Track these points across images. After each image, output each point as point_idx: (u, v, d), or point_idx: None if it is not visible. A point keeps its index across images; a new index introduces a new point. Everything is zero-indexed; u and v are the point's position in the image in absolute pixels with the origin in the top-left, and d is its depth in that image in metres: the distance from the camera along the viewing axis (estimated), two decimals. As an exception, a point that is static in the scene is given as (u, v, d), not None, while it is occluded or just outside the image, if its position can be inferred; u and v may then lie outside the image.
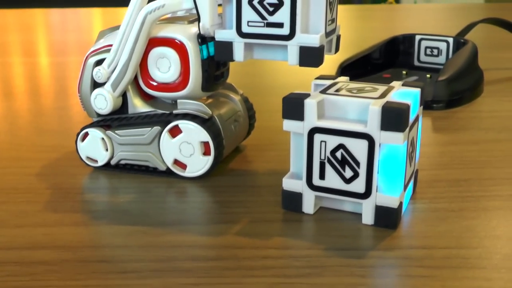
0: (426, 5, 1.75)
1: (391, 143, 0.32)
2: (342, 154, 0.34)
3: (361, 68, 0.68)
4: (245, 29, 0.37)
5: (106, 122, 0.43)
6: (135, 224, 0.36)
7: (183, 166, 0.42)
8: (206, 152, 0.41)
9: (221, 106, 0.43)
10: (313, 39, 0.35)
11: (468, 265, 0.30)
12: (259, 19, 0.36)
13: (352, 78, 0.66)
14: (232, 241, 0.33)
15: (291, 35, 0.36)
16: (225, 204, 0.38)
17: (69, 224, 0.36)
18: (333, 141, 0.34)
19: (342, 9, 1.68)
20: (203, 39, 0.40)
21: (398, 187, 0.33)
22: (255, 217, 0.36)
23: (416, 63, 0.71)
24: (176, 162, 0.42)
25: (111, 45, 0.42)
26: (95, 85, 0.43)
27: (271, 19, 0.36)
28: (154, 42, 0.41)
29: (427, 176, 0.42)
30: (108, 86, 0.42)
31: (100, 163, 0.44)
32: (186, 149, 0.41)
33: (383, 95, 0.34)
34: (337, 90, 0.36)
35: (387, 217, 0.34)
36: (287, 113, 0.34)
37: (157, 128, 0.42)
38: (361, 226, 0.34)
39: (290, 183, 0.36)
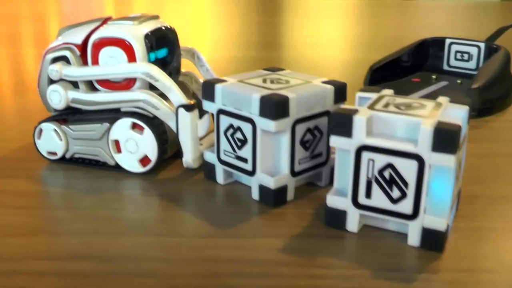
0: (440, 2, 1.73)
1: (442, 165, 0.32)
2: (390, 174, 0.33)
3: (391, 71, 0.67)
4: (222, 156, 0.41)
5: (62, 116, 0.45)
6: (173, 236, 0.35)
7: (119, 150, 0.44)
8: (144, 162, 0.43)
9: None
10: (269, 181, 0.38)
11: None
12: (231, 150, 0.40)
13: (382, 81, 0.66)
14: (276, 257, 0.33)
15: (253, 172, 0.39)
16: (265, 216, 0.38)
17: (106, 233, 0.36)
18: (381, 160, 0.33)
19: (354, 4, 1.67)
20: (151, 44, 0.42)
21: (445, 209, 0.33)
22: (297, 232, 0.36)
23: (445, 67, 0.70)
24: (116, 143, 0.44)
25: (68, 43, 0.44)
26: (51, 81, 0.45)
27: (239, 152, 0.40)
28: (104, 42, 0.42)
29: (466, 191, 0.42)
30: (62, 82, 0.44)
31: (59, 155, 0.45)
32: (131, 145, 0.43)
33: (432, 113, 0.34)
34: (385, 106, 0.35)
35: (434, 240, 0.33)
36: (335, 128, 0.34)
37: (106, 125, 0.43)
38: (405, 246, 0.34)
39: (334, 200, 0.36)
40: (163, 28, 0.44)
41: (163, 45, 0.44)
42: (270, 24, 1.32)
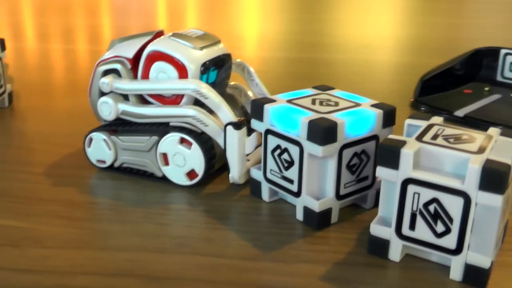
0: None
1: (489, 204, 0.32)
2: (435, 208, 0.33)
3: (442, 80, 0.66)
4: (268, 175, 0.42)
5: (112, 127, 0.46)
6: (217, 256, 0.36)
7: (167, 163, 0.45)
8: (191, 176, 0.44)
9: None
10: (313, 204, 0.39)
11: None
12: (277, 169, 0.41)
13: (433, 92, 0.65)
14: (317, 285, 0.34)
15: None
16: (308, 239, 0.38)
17: (152, 250, 0.37)
18: (427, 194, 0.33)
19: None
20: (205, 69, 0.43)
21: (490, 247, 0.33)
22: (339, 258, 0.36)
23: (499, 78, 0.69)
24: (164, 156, 0.45)
25: (119, 56, 0.45)
26: (102, 93, 0.46)
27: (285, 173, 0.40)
28: (159, 56, 0.43)
29: (514, 222, 0.41)
30: (112, 94, 0.45)
31: (107, 163, 0.47)
32: (179, 159, 0.44)
33: (481, 148, 0.34)
34: (434, 137, 0.35)
35: (477, 277, 0.33)
36: (382, 160, 0.34)
37: (155, 138, 0.44)
38: (447, 280, 0.34)
39: (378, 229, 0.36)
40: (221, 56, 0.45)
41: (216, 69, 0.45)
42: (316, 20, 1.31)
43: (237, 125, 0.42)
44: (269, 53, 0.97)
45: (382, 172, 0.35)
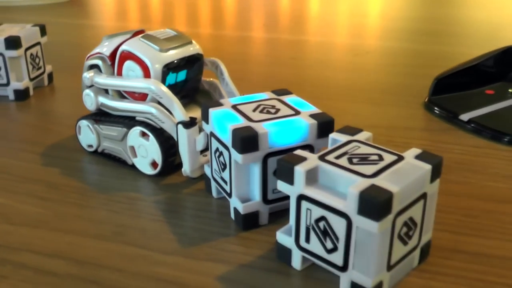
0: None
1: (366, 229, 0.32)
2: (324, 226, 0.34)
3: (464, 78, 0.64)
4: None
5: (96, 116, 0.51)
6: (141, 247, 0.40)
7: (135, 155, 0.49)
8: (154, 166, 0.48)
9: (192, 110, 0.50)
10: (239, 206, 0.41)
11: None
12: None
13: (453, 90, 0.63)
14: (210, 285, 0.36)
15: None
16: (230, 239, 0.41)
17: (92, 236, 0.41)
18: (317, 211, 0.34)
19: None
20: (168, 69, 0.47)
21: (371, 269, 0.33)
22: (247, 261, 0.38)
23: (530, 79, 0.65)
24: (132, 148, 0.49)
25: (100, 53, 0.50)
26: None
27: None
28: (128, 56, 0.47)
29: (451, 242, 0.40)
30: (94, 88, 0.50)
31: (94, 148, 0.52)
32: (142, 150, 0.48)
33: (378, 172, 0.34)
34: (339, 156, 0.36)
35: (361, 295, 0.34)
36: (279, 174, 0.36)
37: (124, 130, 0.49)
38: (339, 294, 0.35)
39: (282, 238, 0.38)
40: (188, 57, 0.48)
41: (184, 68, 0.47)
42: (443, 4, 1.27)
43: (186, 124, 0.44)
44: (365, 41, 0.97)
45: (281, 186, 0.36)
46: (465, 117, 0.58)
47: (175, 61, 0.47)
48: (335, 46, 0.96)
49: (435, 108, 0.61)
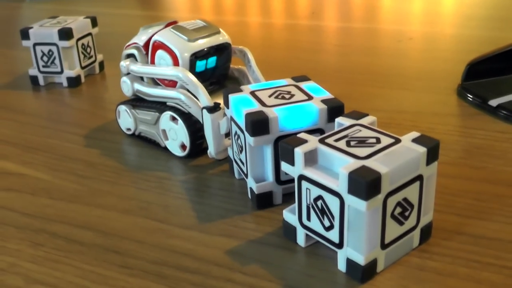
0: None
1: (357, 208, 0.34)
2: (321, 204, 0.37)
3: (494, 66, 0.63)
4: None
5: (133, 101, 0.55)
6: (161, 221, 0.43)
7: (166, 138, 0.53)
8: (183, 148, 0.52)
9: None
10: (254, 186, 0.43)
11: None
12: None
13: (482, 77, 0.63)
14: (220, 257, 0.39)
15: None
16: (244, 217, 0.43)
17: (120, 210, 0.45)
18: (315, 191, 0.37)
19: None
20: (196, 58, 0.50)
21: (363, 246, 0.35)
22: (256, 236, 0.41)
23: None
24: (164, 132, 0.53)
25: (135, 43, 0.53)
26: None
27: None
28: (159, 46, 0.50)
29: (455, 224, 0.41)
30: (130, 75, 0.54)
31: (132, 131, 0.56)
32: (172, 133, 0.52)
33: (371, 154, 0.35)
34: (339, 139, 0.38)
35: (355, 271, 0.36)
36: (282, 155, 0.38)
37: (156, 114, 0.52)
38: (336, 269, 0.37)
39: (288, 216, 0.40)
40: (216, 46, 0.51)
41: (213, 55, 0.50)
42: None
43: (210, 109, 0.47)
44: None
45: (284, 167, 0.38)
46: (494, 102, 0.58)
47: (205, 49, 0.50)
48: (381, 33, 0.96)
49: (467, 94, 0.61)
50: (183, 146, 0.51)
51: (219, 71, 0.52)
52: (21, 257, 0.40)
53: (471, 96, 0.61)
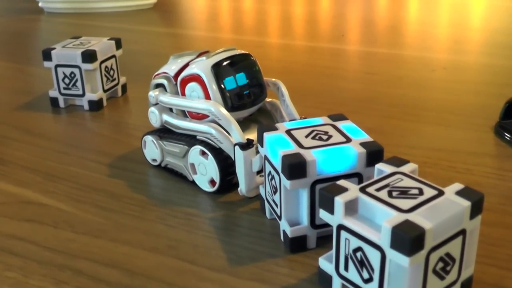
0: None
1: (399, 263, 0.35)
2: (361, 256, 0.37)
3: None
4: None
5: (160, 132, 0.56)
6: (191, 262, 0.44)
7: (195, 172, 0.54)
8: (213, 183, 0.53)
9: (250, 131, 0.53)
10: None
11: None
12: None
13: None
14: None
15: None
16: (277, 261, 0.44)
17: (147, 248, 0.46)
18: (354, 242, 0.37)
19: None
20: (220, 73, 0.51)
21: (405, 302, 0.36)
22: (289, 283, 0.41)
23: None
24: (192, 166, 0.54)
25: (165, 72, 0.55)
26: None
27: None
28: (187, 80, 0.52)
29: (496, 277, 0.41)
30: (159, 106, 0.55)
31: (158, 162, 0.57)
32: (202, 168, 0.53)
33: (415, 207, 0.36)
34: (380, 188, 0.38)
35: (393, 326, 0.37)
36: (321, 204, 0.39)
37: (185, 147, 0.53)
38: (374, 323, 0.38)
39: (324, 264, 0.41)
40: (233, 55, 0.52)
41: (239, 70, 0.51)
42: None
43: (243, 146, 0.48)
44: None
45: (323, 215, 0.39)
46: (533, 145, 0.58)
47: (220, 61, 0.51)
48: (408, 59, 0.96)
49: (505, 133, 0.62)
50: (212, 182, 0.52)
51: (254, 89, 0.53)
52: (48, 296, 0.41)
53: (509, 136, 0.61)
